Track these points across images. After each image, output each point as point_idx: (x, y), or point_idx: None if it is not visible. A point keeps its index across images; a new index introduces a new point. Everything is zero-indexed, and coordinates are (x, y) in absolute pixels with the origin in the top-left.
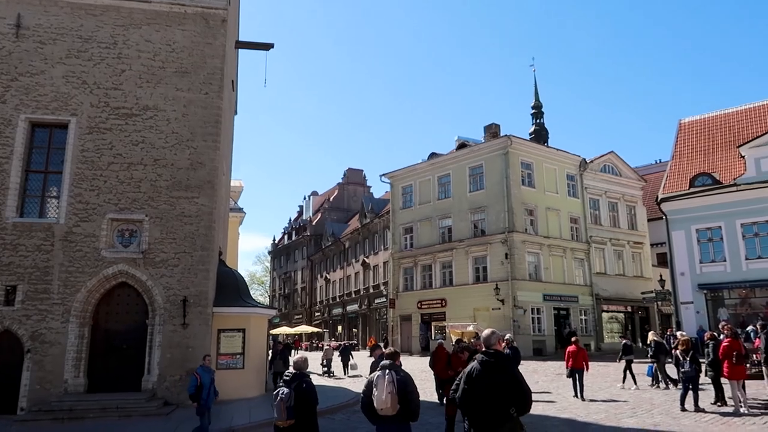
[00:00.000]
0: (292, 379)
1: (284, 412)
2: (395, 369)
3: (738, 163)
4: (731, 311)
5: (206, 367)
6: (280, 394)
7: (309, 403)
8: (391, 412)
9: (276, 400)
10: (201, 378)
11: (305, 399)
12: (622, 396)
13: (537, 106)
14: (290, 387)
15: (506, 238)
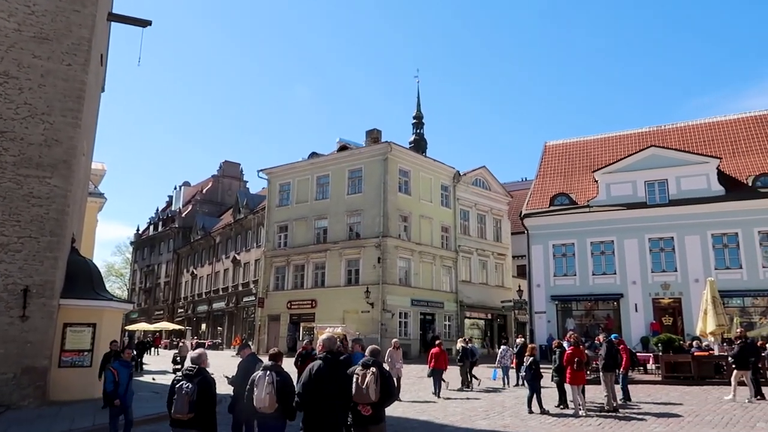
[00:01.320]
0: (196, 374)
1: (187, 406)
2: (276, 370)
3: (592, 186)
4: (577, 321)
5: (124, 362)
6: (184, 388)
7: (211, 398)
8: (269, 410)
9: (179, 394)
10: (118, 374)
11: (208, 393)
12: (478, 398)
13: (418, 116)
14: (193, 382)
15: (380, 242)
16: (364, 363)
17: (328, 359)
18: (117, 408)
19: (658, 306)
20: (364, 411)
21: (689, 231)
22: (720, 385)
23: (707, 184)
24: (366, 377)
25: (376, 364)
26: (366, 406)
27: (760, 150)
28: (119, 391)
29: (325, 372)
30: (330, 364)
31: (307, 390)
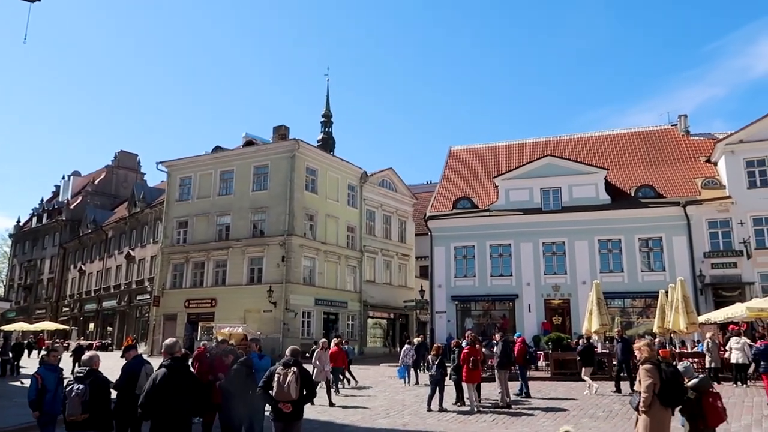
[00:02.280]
0: (86, 375)
1: (79, 407)
2: None
3: (492, 191)
4: (476, 321)
5: (51, 366)
6: (75, 390)
7: (105, 398)
8: None
9: (69, 396)
10: (43, 380)
11: (101, 393)
12: (378, 397)
13: (327, 115)
14: (84, 383)
15: (285, 240)
16: (285, 363)
17: (172, 366)
18: (45, 418)
19: (549, 306)
20: (285, 408)
21: (579, 236)
22: (603, 381)
23: (596, 193)
24: (287, 376)
25: (297, 363)
26: (287, 404)
27: (642, 163)
28: (46, 399)
29: (169, 381)
30: (174, 371)
31: (151, 400)
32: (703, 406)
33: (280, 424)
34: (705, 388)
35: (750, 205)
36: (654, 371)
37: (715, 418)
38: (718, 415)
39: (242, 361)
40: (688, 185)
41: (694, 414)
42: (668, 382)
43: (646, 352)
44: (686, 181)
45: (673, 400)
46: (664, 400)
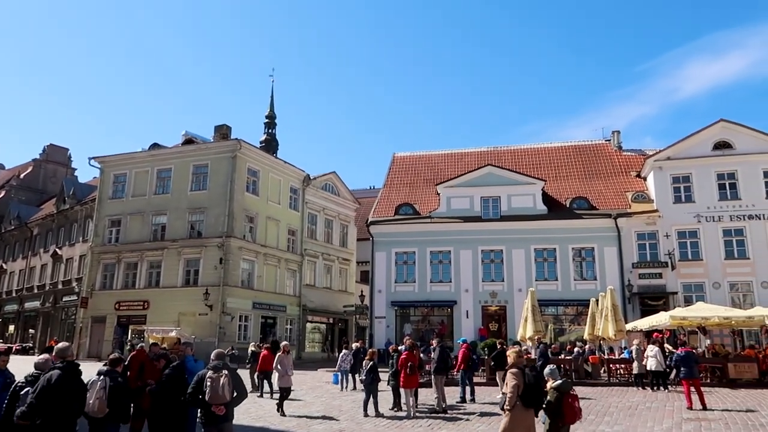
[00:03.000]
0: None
1: None
2: (111, 375)
3: (434, 198)
4: (414, 327)
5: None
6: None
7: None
8: (99, 414)
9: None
10: None
11: None
12: (314, 403)
13: (271, 116)
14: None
15: (223, 242)
16: (215, 366)
17: (65, 369)
18: None
19: (487, 312)
20: (218, 411)
21: (516, 245)
22: None
23: (533, 203)
24: (221, 380)
25: (227, 366)
26: (220, 406)
27: (577, 176)
28: None
29: (62, 382)
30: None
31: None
32: (563, 406)
33: (213, 428)
34: (565, 389)
35: (675, 218)
36: (519, 375)
37: (572, 416)
38: (574, 413)
39: (175, 366)
40: (619, 198)
41: (555, 412)
42: (530, 386)
43: (514, 358)
44: (618, 194)
45: (533, 401)
46: (526, 402)
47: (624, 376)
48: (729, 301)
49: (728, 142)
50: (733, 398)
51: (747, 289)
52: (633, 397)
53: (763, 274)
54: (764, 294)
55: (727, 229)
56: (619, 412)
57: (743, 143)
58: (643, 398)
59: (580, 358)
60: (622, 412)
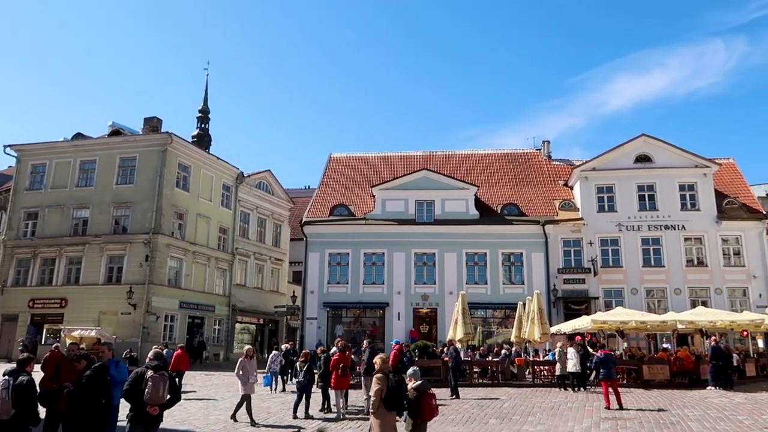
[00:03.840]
0: None
1: None
2: (16, 375)
3: (369, 200)
4: (346, 328)
5: None
6: None
7: None
8: (4, 416)
9: None
10: None
11: None
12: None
13: (204, 110)
14: None
15: (150, 239)
16: (156, 366)
17: None
18: None
19: (418, 315)
20: (152, 411)
21: (448, 248)
22: (464, 387)
23: (466, 208)
24: (159, 380)
25: (14, 373)
26: (155, 407)
27: (509, 183)
28: None
29: None
30: None
31: None
32: (422, 404)
33: (141, 427)
34: (424, 389)
35: (598, 227)
36: (383, 380)
37: (429, 414)
38: (432, 411)
39: (96, 367)
40: (547, 206)
41: (415, 410)
42: (392, 390)
43: (379, 364)
44: (546, 202)
45: (395, 404)
46: (389, 405)
47: (548, 377)
48: (645, 306)
49: (648, 156)
50: (647, 398)
51: (662, 295)
52: (555, 398)
53: (677, 281)
54: (677, 300)
55: (646, 238)
56: (542, 412)
57: (662, 157)
58: (565, 399)
59: (507, 360)
60: (545, 412)
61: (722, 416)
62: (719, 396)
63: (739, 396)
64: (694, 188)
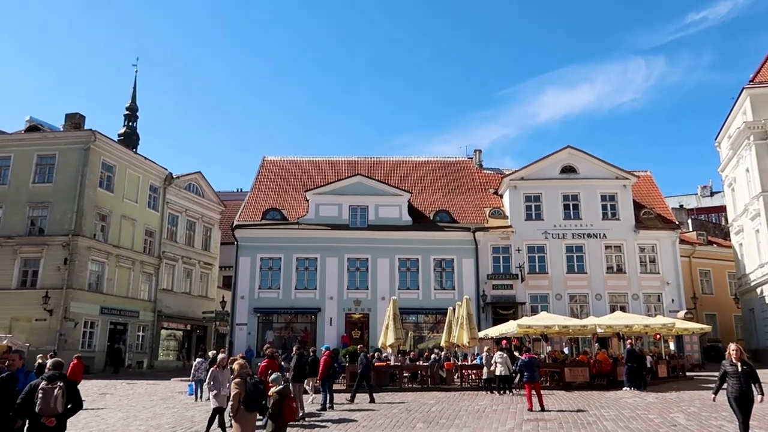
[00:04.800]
0: None
1: None
2: None
3: (303, 205)
4: (277, 334)
5: None
6: None
7: None
8: None
9: None
10: None
11: None
12: (165, 414)
13: (132, 108)
14: None
15: (69, 241)
16: (50, 377)
17: None
18: None
19: (350, 320)
20: (48, 423)
21: (381, 254)
22: (393, 392)
23: (399, 214)
24: (54, 390)
25: (62, 377)
26: (51, 418)
27: (441, 190)
28: None
29: None
30: None
31: None
32: (284, 407)
33: None
34: (286, 393)
35: (526, 234)
36: (241, 384)
37: (290, 416)
38: (293, 413)
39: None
40: (478, 213)
41: (277, 412)
42: (251, 393)
43: (237, 369)
44: (477, 209)
45: (253, 406)
46: (248, 407)
47: (475, 381)
48: (568, 311)
49: (573, 167)
50: (568, 400)
51: (584, 300)
52: (482, 401)
53: (597, 287)
54: (597, 305)
55: (570, 246)
56: (469, 415)
57: (585, 169)
58: (491, 402)
59: (436, 365)
60: (471, 415)
61: (635, 415)
62: (633, 396)
63: (651, 396)
64: (614, 199)
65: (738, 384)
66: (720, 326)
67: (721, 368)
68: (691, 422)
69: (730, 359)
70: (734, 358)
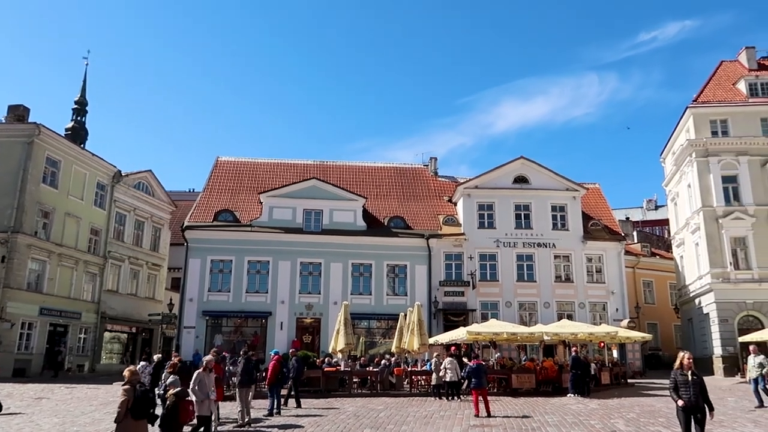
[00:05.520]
0: None
1: None
2: None
3: (257, 207)
4: (226, 338)
5: None
6: None
7: None
8: None
9: None
10: None
11: None
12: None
13: (81, 102)
14: None
15: (8, 238)
16: None
17: None
18: None
19: (301, 325)
20: None
21: (335, 258)
22: (342, 397)
23: (354, 219)
24: None
25: None
26: None
27: (396, 196)
28: None
29: None
30: None
31: None
32: (179, 409)
33: None
34: (182, 395)
35: (478, 242)
36: (129, 391)
37: (185, 416)
38: (188, 414)
39: None
40: (432, 220)
41: (172, 413)
42: (138, 400)
43: (128, 376)
44: (431, 216)
45: (141, 413)
46: (135, 414)
47: (424, 387)
48: (518, 318)
49: (526, 177)
50: (514, 406)
51: (533, 308)
52: (430, 407)
53: (546, 295)
54: (546, 313)
55: (520, 255)
56: (416, 421)
57: (537, 179)
58: (439, 407)
59: (386, 371)
60: (419, 421)
61: (577, 421)
62: (577, 403)
63: (594, 402)
64: (564, 210)
65: (688, 395)
66: (661, 335)
67: (671, 378)
68: (630, 428)
69: (681, 369)
70: (685, 367)
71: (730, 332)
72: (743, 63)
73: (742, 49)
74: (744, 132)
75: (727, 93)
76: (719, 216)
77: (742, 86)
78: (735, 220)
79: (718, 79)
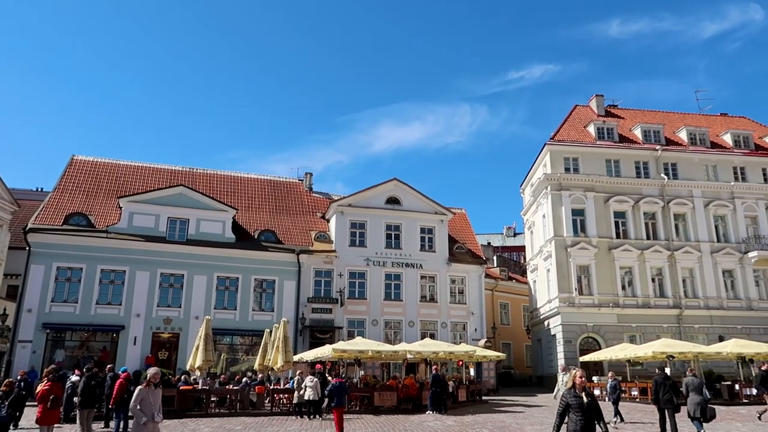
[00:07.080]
0: None
1: None
2: None
3: (115, 212)
4: (69, 353)
5: None
6: None
7: None
8: None
9: None
10: None
11: None
12: None
13: None
14: None
15: None
16: None
17: None
18: None
19: (158, 340)
20: None
21: (199, 271)
22: (198, 417)
23: (222, 230)
24: None
25: None
26: None
27: (268, 209)
28: None
29: None
30: None
31: None
32: None
33: None
34: None
35: (349, 260)
36: None
37: None
38: None
39: None
40: (303, 236)
41: None
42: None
43: None
44: (303, 231)
45: None
46: None
47: (286, 405)
48: (383, 336)
49: (398, 199)
50: (374, 424)
51: (398, 326)
52: (291, 426)
53: (411, 314)
54: (410, 332)
55: (389, 274)
56: None
57: (409, 201)
58: (300, 427)
59: (247, 388)
60: None
61: None
62: (435, 419)
63: (450, 419)
64: (432, 232)
65: (582, 420)
66: (514, 354)
67: (561, 401)
68: None
69: (573, 389)
70: (578, 388)
71: (572, 352)
72: (593, 108)
73: (593, 96)
74: (592, 170)
75: (579, 134)
76: (568, 245)
77: (592, 129)
78: (581, 249)
79: (572, 120)
